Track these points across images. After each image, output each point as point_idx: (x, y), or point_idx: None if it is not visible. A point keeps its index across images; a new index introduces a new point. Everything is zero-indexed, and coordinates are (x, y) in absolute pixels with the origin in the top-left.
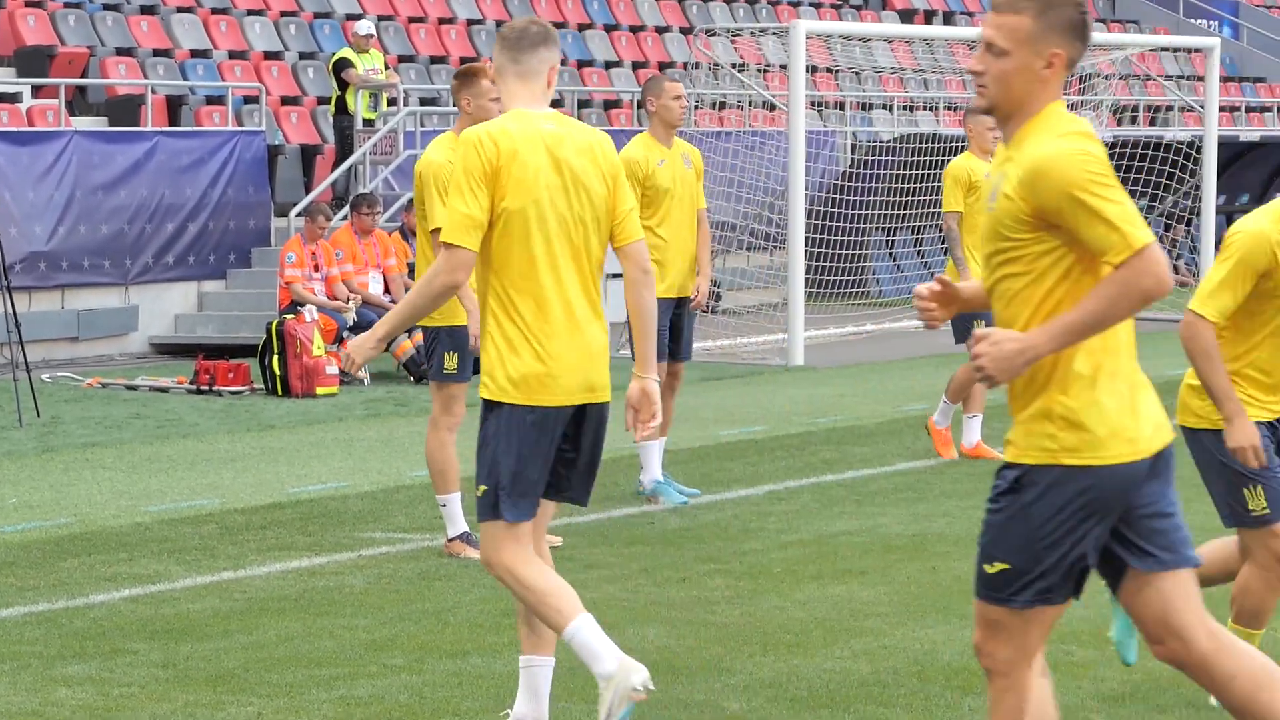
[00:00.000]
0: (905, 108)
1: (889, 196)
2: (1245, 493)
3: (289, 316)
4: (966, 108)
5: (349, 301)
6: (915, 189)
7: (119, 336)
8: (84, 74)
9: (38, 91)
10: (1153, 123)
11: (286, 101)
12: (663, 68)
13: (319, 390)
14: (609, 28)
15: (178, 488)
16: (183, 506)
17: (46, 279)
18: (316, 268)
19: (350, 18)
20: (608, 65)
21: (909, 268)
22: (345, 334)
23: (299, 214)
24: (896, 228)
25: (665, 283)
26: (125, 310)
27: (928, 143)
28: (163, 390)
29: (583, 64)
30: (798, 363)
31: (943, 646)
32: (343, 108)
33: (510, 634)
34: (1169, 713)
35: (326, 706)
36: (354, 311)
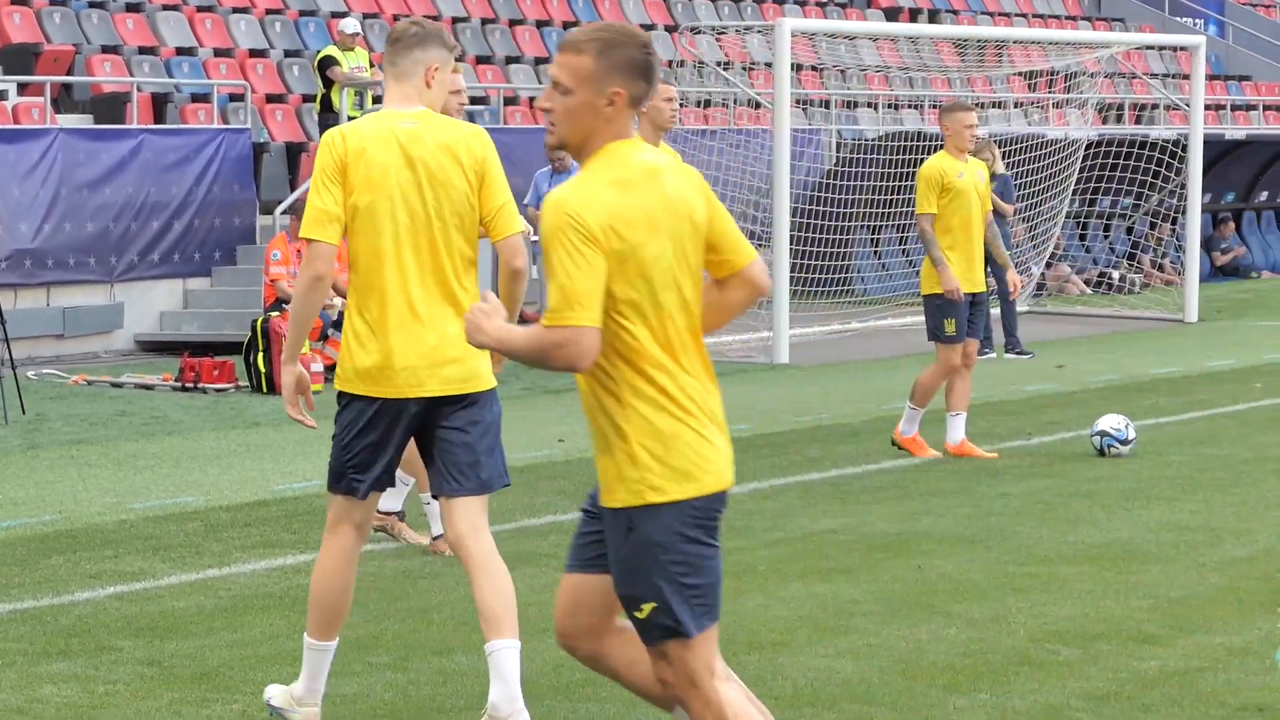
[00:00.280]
0: (890, 106)
1: (874, 195)
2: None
3: (274, 314)
4: (943, 106)
5: (333, 299)
6: (900, 187)
7: (104, 334)
8: (69, 71)
9: (23, 89)
10: (1138, 121)
11: (272, 99)
12: None
13: None
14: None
15: (163, 485)
16: (168, 504)
17: (32, 276)
18: None
19: (335, 16)
20: None
21: (894, 266)
22: (330, 331)
23: (284, 211)
24: (881, 226)
25: None
26: (110, 307)
27: (913, 141)
28: (148, 388)
29: None
30: (782, 361)
31: (928, 645)
32: (328, 105)
33: None
34: (1154, 711)
35: None
36: (338, 309)
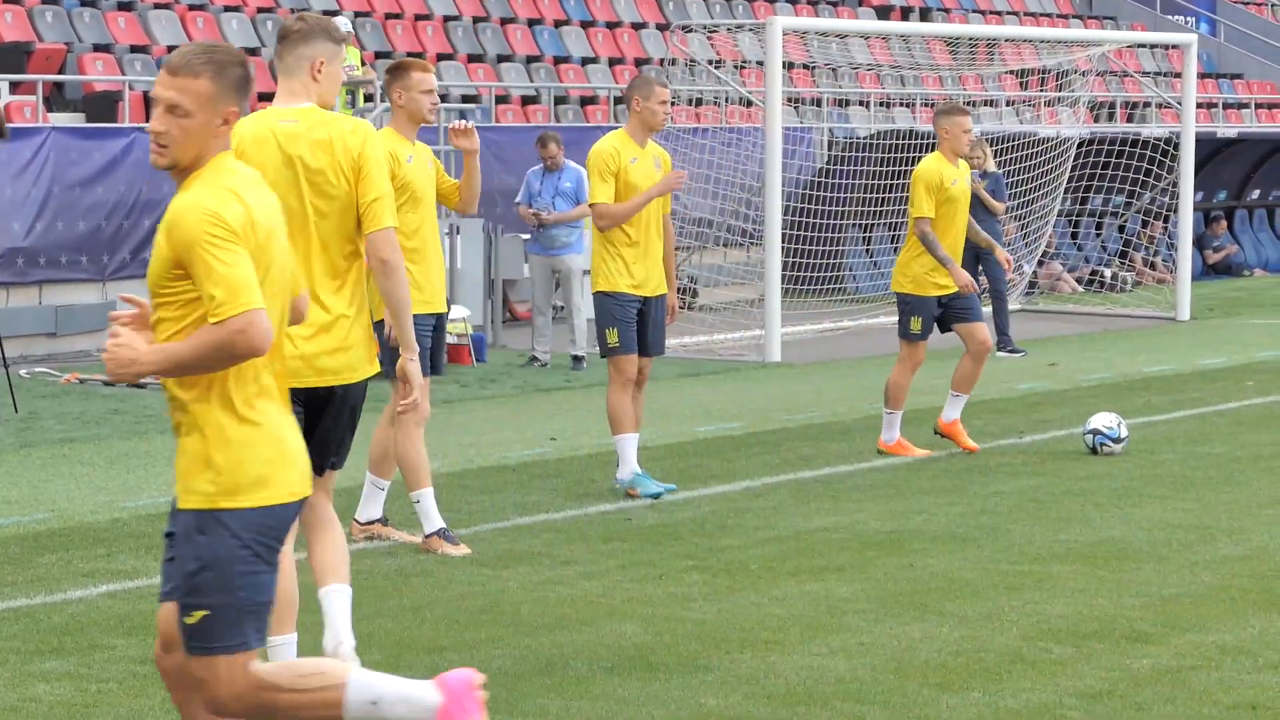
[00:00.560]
0: (882, 104)
1: (866, 193)
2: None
3: None
4: (938, 107)
5: None
6: (892, 185)
7: (97, 332)
8: (61, 70)
9: (15, 88)
10: (1130, 119)
11: (263, 98)
12: (639, 64)
13: None
14: (585, 24)
15: (156, 483)
16: (161, 502)
17: (24, 275)
18: None
19: (327, 14)
20: (584, 61)
21: (885, 264)
22: None
23: None
24: (873, 224)
25: (631, 280)
26: (103, 306)
27: (904, 139)
28: (140, 386)
29: (559, 60)
30: (774, 359)
31: (920, 643)
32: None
33: (489, 630)
34: (1147, 710)
35: None
36: None
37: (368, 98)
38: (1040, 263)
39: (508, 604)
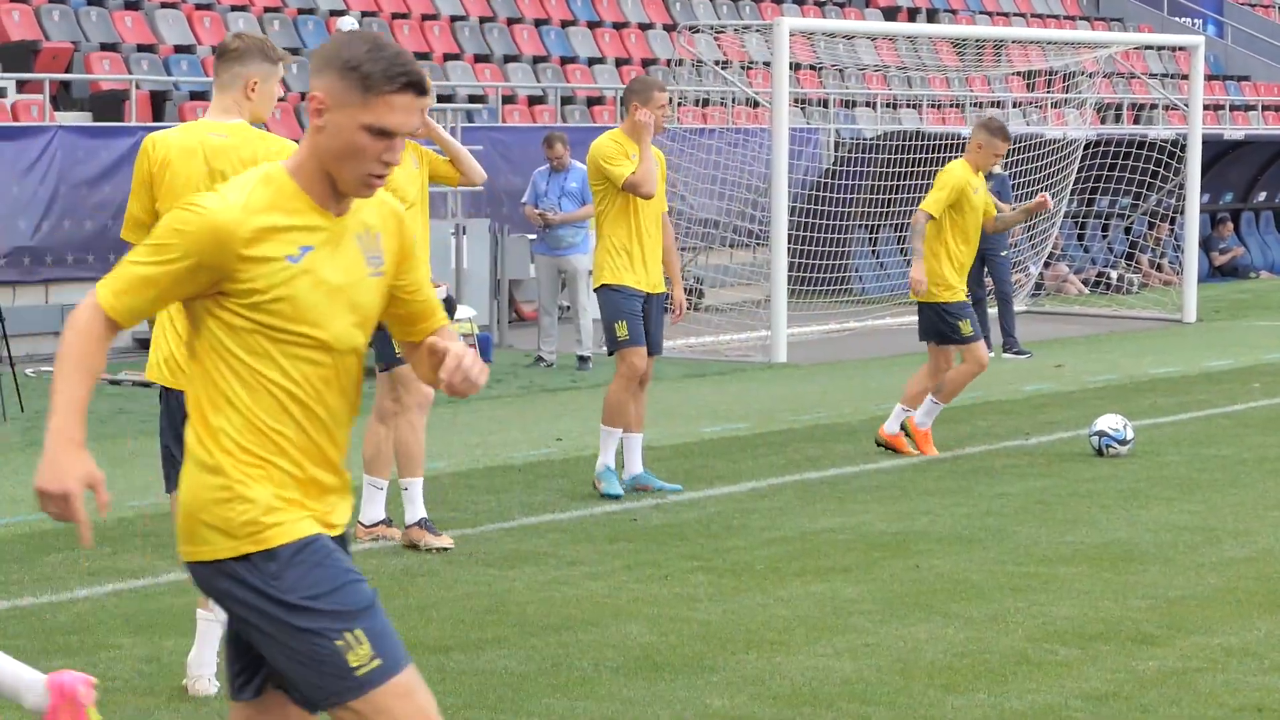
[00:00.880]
0: (889, 105)
1: (872, 194)
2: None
3: None
4: (986, 122)
5: None
6: (898, 186)
7: None
8: (68, 69)
9: (22, 87)
10: (1137, 121)
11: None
12: (646, 64)
13: None
14: (592, 24)
15: (161, 482)
16: (166, 501)
17: (31, 274)
18: None
19: (334, 14)
20: (591, 62)
21: (892, 265)
22: None
23: None
24: (879, 225)
25: (634, 277)
26: None
27: (911, 140)
28: (146, 385)
29: (566, 60)
30: (780, 360)
31: (926, 645)
32: None
33: (495, 630)
34: (1152, 712)
35: None
36: None
37: None
38: (1046, 264)
39: (513, 604)
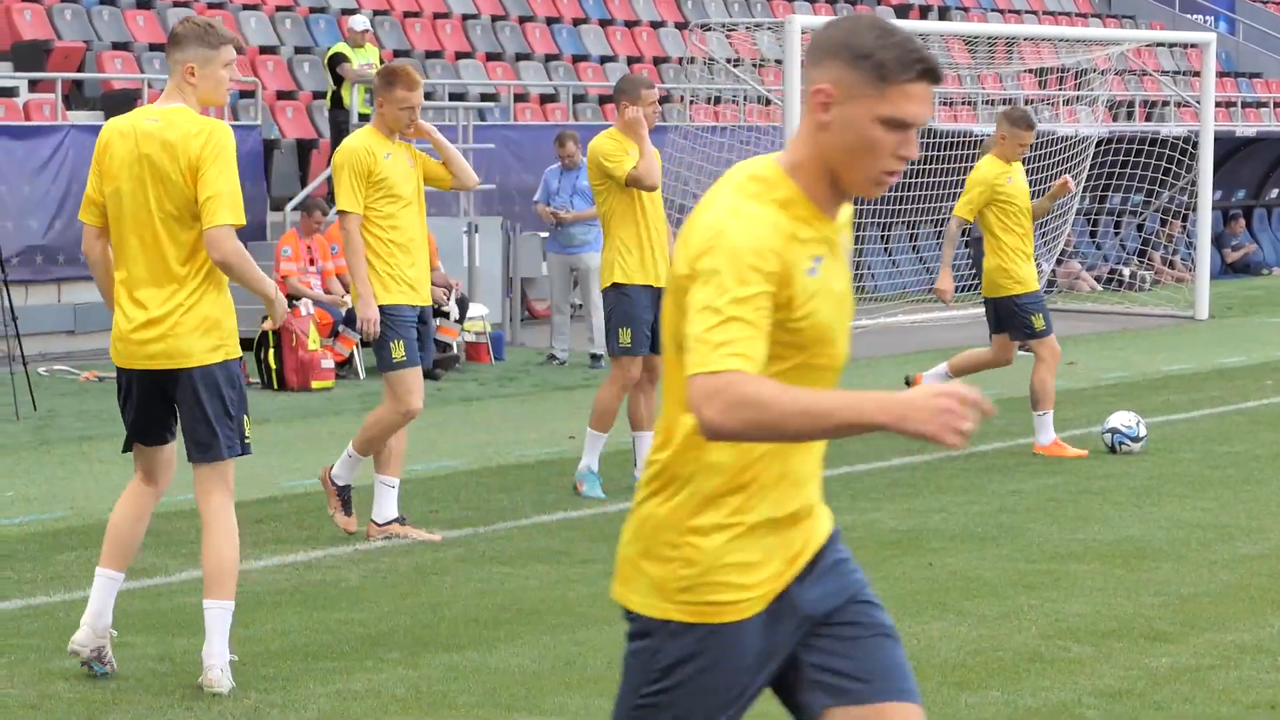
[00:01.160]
0: None
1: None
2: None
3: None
4: (1009, 113)
5: (345, 295)
6: (910, 184)
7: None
8: (80, 68)
9: (34, 86)
10: (1149, 118)
11: (282, 96)
12: (658, 63)
13: (314, 384)
14: (604, 22)
15: (173, 481)
16: (179, 500)
17: (43, 272)
18: (312, 261)
19: (345, 13)
20: (603, 60)
21: (904, 263)
22: (340, 328)
23: (295, 208)
24: (892, 224)
25: (644, 274)
26: None
27: (922, 138)
28: None
29: (578, 59)
30: None
31: (939, 642)
32: (338, 102)
33: (508, 628)
34: (1165, 709)
35: (322, 699)
36: (347, 305)
37: None
38: (1059, 261)
39: (527, 602)
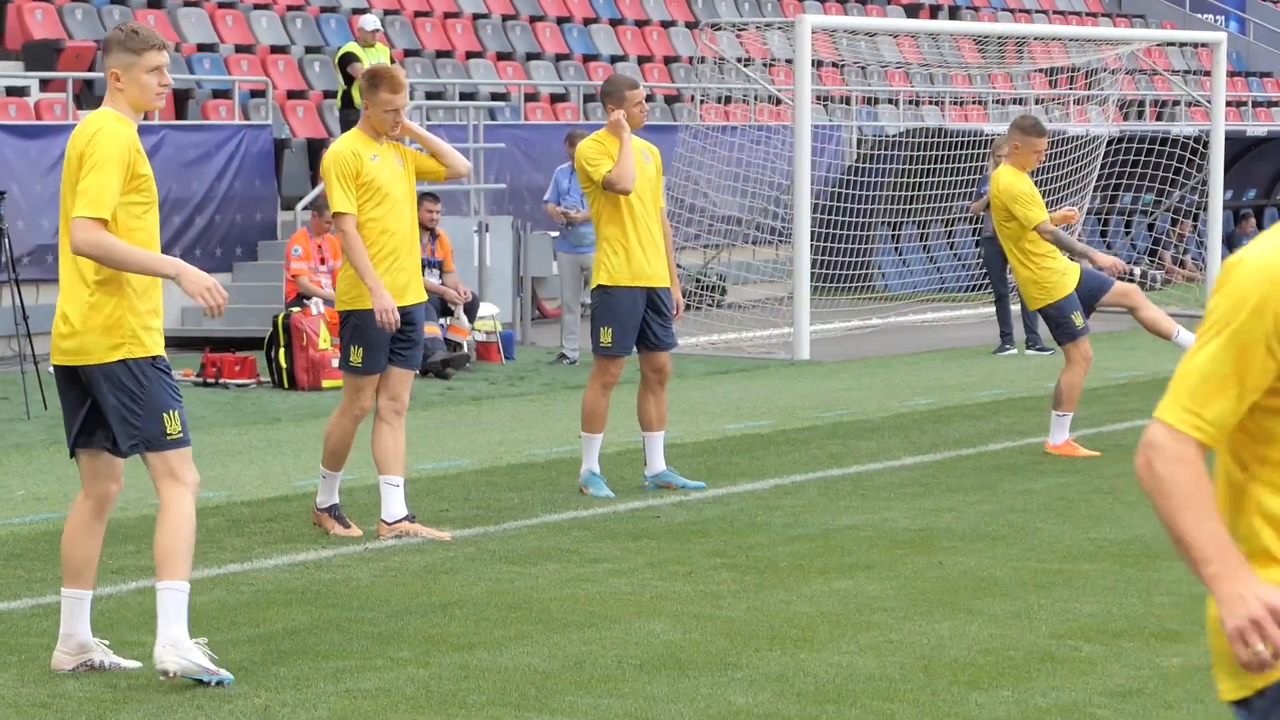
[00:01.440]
0: (911, 102)
1: (894, 191)
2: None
3: (295, 309)
4: (1020, 123)
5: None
6: (921, 183)
7: None
8: (91, 68)
9: (45, 85)
10: (1159, 118)
11: (293, 95)
12: (668, 62)
13: (325, 383)
14: (614, 22)
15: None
16: None
17: (54, 272)
18: (323, 260)
19: (356, 12)
20: (613, 59)
21: (914, 262)
22: None
23: (305, 207)
24: (902, 222)
25: (632, 274)
26: None
27: (933, 138)
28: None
29: (588, 58)
30: (803, 357)
31: (949, 642)
32: (349, 102)
33: (518, 627)
34: (1176, 708)
35: (333, 699)
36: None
37: None
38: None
39: (536, 601)
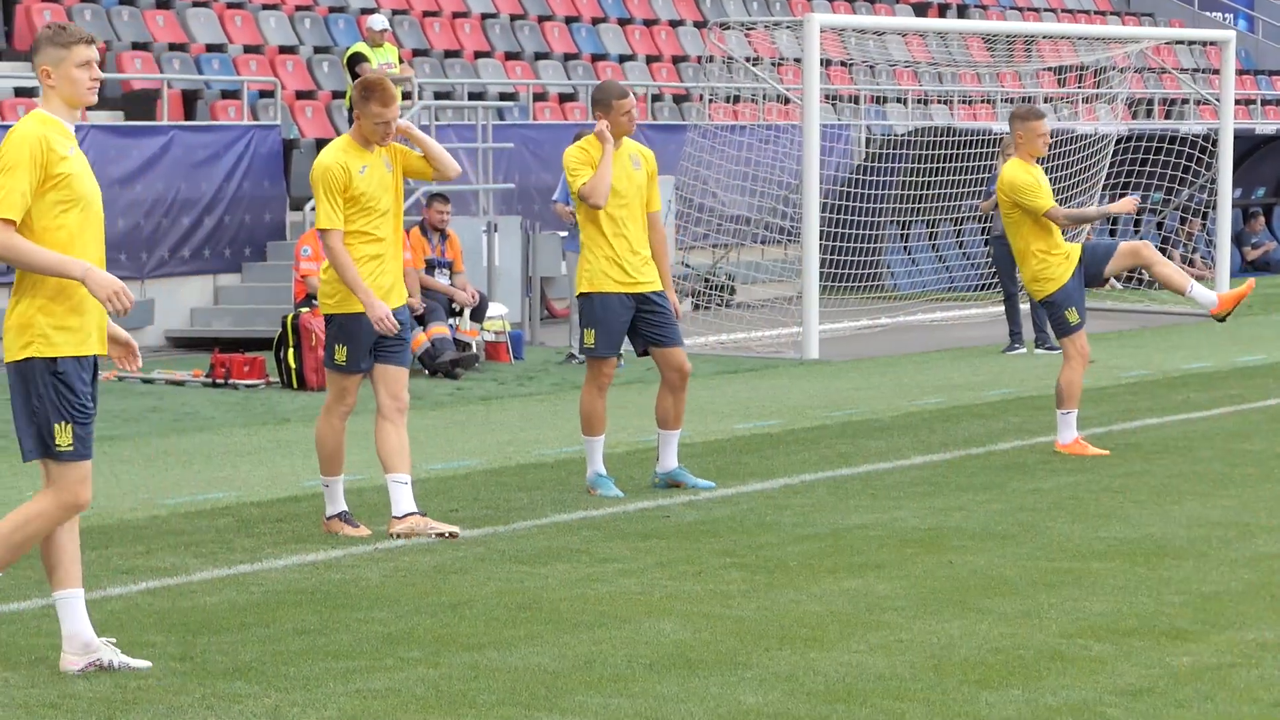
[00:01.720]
0: (919, 101)
1: (903, 190)
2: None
3: (304, 310)
4: (1016, 112)
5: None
6: (929, 182)
7: (135, 330)
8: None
9: None
10: (1168, 116)
11: (301, 96)
12: (677, 61)
13: None
14: (623, 21)
15: (194, 481)
16: (199, 499)
17: None
18: None
19: (365, 12)
20: (621, 59)
21: (923, 261)
22: None
23: (314, 208)
24: (911, 221)
25: (613, 281)
26: (141, 304)
27: (942, 136)
28: (179, 384)
29: (597, 58)
30: (812, 356)
31: (959, 641)
32: None
33: (528, 627)
34: (1187, 707)
35: (343, 699)
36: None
37: (405, 95)
38: None
39: (546, 601)
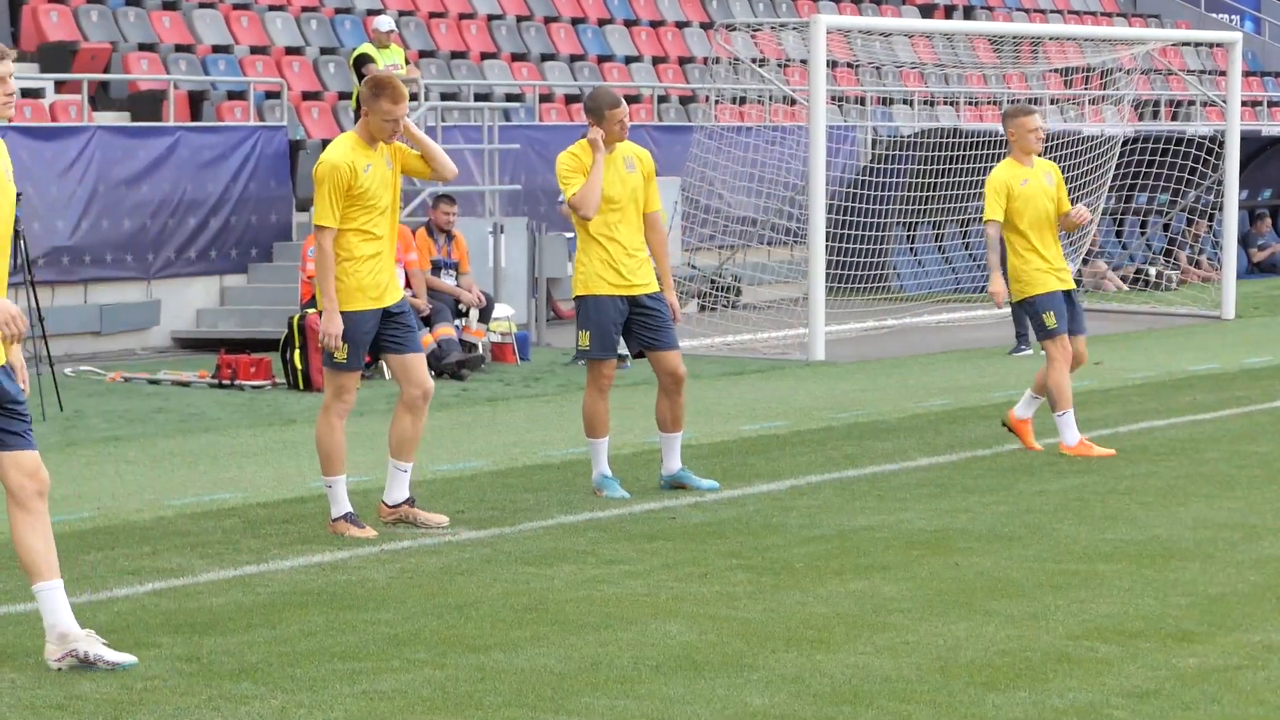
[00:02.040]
0: (926, 102)
1: (909, 191)
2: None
3: (310, 310)
4: (1006, 110)
5: None
6: (936, 184)
7: (141, 331)
8: (106, 69)
9: (61, 87)
10: (1175, 118)
11: (308, 96)
12: (683, 63)
13: None
14: (629, 23)
15: (200, 482)
16: (205, 500)
17: (69, 273)
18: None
19: (371, 13)
20: (628, 60)
21: (930, 263)
22: None
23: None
24: (917, 223)
25: (608, 284)
26: (147, 304)
27: (948, 137)
28: (185, 384)
29: (603, 59)
30: (819, 358)
31: (965, 643)
32: None
33: (534, 628)
34: (1193, 709)
35: (349, 700)
36: None
37: (411, 96)
38: (1085, 261)
39: (552, 602)
